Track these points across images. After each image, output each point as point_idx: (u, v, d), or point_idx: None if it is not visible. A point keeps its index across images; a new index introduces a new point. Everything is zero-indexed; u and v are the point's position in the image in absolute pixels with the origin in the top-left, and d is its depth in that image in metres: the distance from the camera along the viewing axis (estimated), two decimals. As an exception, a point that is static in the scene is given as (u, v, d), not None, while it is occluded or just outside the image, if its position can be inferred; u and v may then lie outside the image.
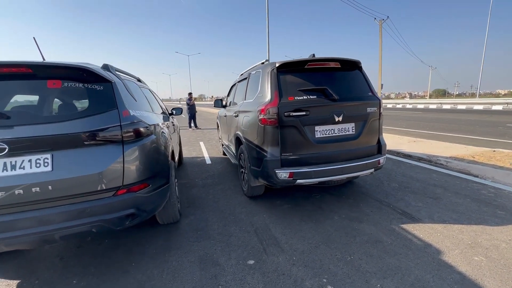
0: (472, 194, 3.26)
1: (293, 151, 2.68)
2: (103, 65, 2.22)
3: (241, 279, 1.91)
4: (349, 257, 2.12)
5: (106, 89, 1.93)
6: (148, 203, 2.05)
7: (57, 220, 1.68)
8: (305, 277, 1.90)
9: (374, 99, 2.94)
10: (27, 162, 1.61)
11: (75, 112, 1.83)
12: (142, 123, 2.05)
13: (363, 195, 3.38)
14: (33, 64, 1.74)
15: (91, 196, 1.76)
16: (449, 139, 7.22)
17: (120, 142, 1.84)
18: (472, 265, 1.96)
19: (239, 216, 2.94)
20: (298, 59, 2.82)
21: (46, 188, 1.62)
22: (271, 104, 2.65)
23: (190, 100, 12.21)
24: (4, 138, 1.55)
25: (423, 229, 2.48)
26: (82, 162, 1.71)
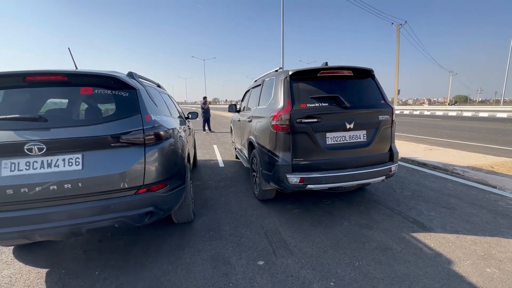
0: (488, 205, 3.18)
1: (304, 156, 2.75)
2: (128, 73, 2.40)
3: (251, 278, 2.00)
4: (357, 262, 2.15)
5: (131, 96, 2.10)
6: (165, 202, 2.19)
7: (85, 214, 1.84)
8: (313, 279, 1.96)
9: (386, 107, 2.96)
10: (61, 161, 1.79)
11: (103, 117, 2.00)
12: (162, 127, 2.20)
13: (374, 202, 3.38)
14: (68, 73, 1.94)
15: (115, 194, 1.91)
16: (468, 148, 7.00)
17: (142, 144, 1.99)
18: (483, 276, 1.94)
19: (250, 218, 3.03)
20: (311, 67, 2.91)
21: (77, 185, 1.79)
22: (283, 110, 2.74)
23: (205, 104, 12.51)
24: (43, 139, 1.73)
25: (435, 239, 2.47)
26: (108, 162, 1.87)
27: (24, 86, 1.90)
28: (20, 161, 1.73)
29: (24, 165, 1.73)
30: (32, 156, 1.73)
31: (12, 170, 1.71)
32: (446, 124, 14.42)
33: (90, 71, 2.03)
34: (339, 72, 2.94)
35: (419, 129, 12.10)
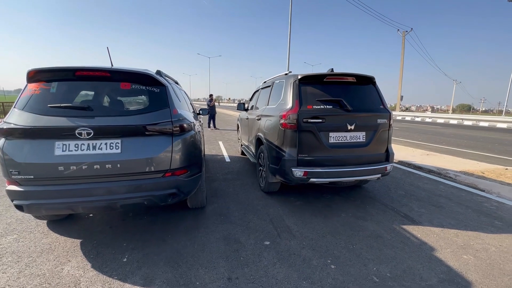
0: (474, 205, 3.48)
1: (309, 153, 3.06)
2: (157, 71, 2.72)
3: (259, 254, 2.31)
4: (352, 246, 2.46)
5: (161, 91, 2.41)
6: (186, 186, 2.50)
7: (121, 191, 2.16)
8: (312, 257, 2.27)
9: (385, 111, 3.27)
10: (104, 144, 2.10)
11: (139, 109, 2.31)
12: (186, 120, 2.51)
13: (370, 198, 3.69)
14: (111, 70, 2.26)
15: (146, 175, 2.23)
16: (464, 155, 7.28)
17: (170, 134, 2.31)
18: (460, 261, 2.25)
19: (257, 207, 3.34)
20: (318, 73, 3.21)
21: (116, 166, 2.10)
22: (292, 111, 3.05)
23: (211, 101, 12.83)
24: (90, 125, 2.05)
25: (421, 231, 2.78)
26: (142, 148, 2.19)
27: (74, 79, 2.21)
28: (70, 143, 2.05)
29: (73, 147, 2.05)
30: (81, 139, 2.05)
31: (64, 150, 2.03)
32: (446, 131, 14.69)
33: (129, 68, 2.35)
34: (344, 78, 3.24)
35: (419, 135, 12.38)
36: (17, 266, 2.08)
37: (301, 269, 2.10)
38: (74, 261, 2.17)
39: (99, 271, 2.05)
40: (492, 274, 2.09)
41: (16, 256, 2.21)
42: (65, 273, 2.02)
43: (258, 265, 2.16)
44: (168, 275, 2.01)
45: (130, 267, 2.10)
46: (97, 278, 1.97)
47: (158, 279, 1.97)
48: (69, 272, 2.02)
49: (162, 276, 1.99)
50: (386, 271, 2.09)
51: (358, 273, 2.06)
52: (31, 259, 2.18)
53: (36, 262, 2.15)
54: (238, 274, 2.04)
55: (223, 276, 2.01)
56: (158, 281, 1.94)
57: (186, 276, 2.00)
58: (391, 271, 2.09)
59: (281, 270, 2.09)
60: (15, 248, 2.34)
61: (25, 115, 2.06)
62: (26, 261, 2.15)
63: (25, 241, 2.46)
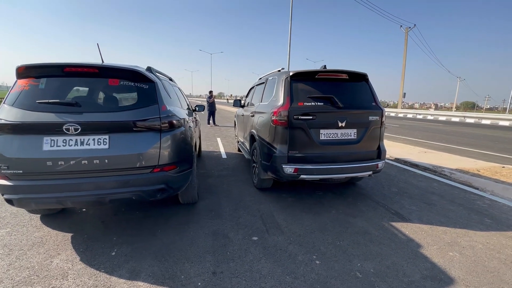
0: (466, 203, 3.48)
1: (299, 149, 3.07)
2: (147, 68, 2.73)
3: (246, 249, 2.34)
4: (339, 242, 2.48)
5: (150, 88, 2.43)
6: (175, 182, 2.53)
7: (109, 186, 2.19)
8: (298, 253, 2.30)
9: (377, 108, 3.26)
10: (91, 140, 2.13)
11: (127, 105, 2.33)
12: (175, 117, 2.53)
13: (363, 196, 3.70)
14: (99, 66, 2.27)
15: (134, 171, 2.26)
16: (463, 152, 7.25)
17: (158, 130, 2.33)
18: (445, 258, 2.26)
19: (248, 203, 3.37)
20: (310, 69, 3.21)
21: (104, 161, 2.13)
22: (283, 107, 3.05)
23: (210, 97, 12.82)
24: (78, 121, 2.07)
25: (410, 228, 2.79)
26: (130, 144, 2.21)
27: (62, 75, 2.23)
28: (58, 139, 2.08)
29: (61, 142, 2.08)
30: (69, 135, 2.07)
31: (52, 146, 2.06)
32: (447, 129, 14.60)
33: (117, 65, 2.36)
34: (336, 75, 3.23)
35: (419, 133, 12.32)
36: (7, 259, 2.13)
37: (286, 264, 2.13)
38: (64, 254, 2.21)
39: (87, 264, 2.09)
40: (476, 271, 2.10)
41: (8, 249, 2.26)
42: (54, 265, 2.06)
43: (244, 260, 2.18)
44: (154, 269, 2.04)
45: (118, 261, 2.14)
46: (84, 271, 2.01)
47: (144, 272, 2.00)
48: (58, 265, 2.07)
49: (148, 270, 2.03)
50: (370, 267, 2.11)
51: (342, 269, 2.09)
52: (22, 252, 2.22)
53: (27, 255, 2.19)
54: (223, 268, 2.07)
55: (208, 270, 2.04)
56: (143, 275, 1.97)
57: (171, 269, 2.04)
58: (375, 267, 2.11)
59: (266, 265, 2.12)
60: (7, 241, 2.39)
61: (14, 110, 2.09)
62: (17, 254, 2.20)
63: (17, 234, 2.51)
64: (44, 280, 1.89)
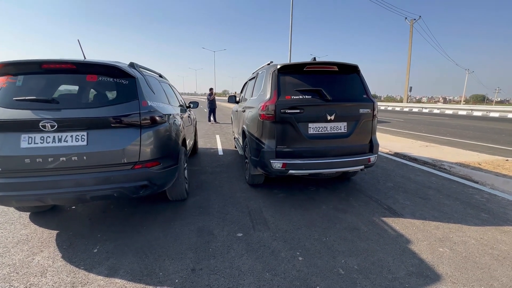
0: (463, 197, 3.37)
1: (288, 144, 3.00)
2: (130, 63, 2.69)
3: (228, 246, 2.30)
4: (325, 238, 2.42)
5: (130, 83, 2.39)
6: (158, 178, 2.50)
7: (89, 183, 2.17)
8: (282, 249, 2.25)
9: (368, 101, 3.16)
10: (69, 137, 2.11)
11: (105, 101, 2.30)
12: (158, 112, 2.49)
13: (356, 191, 3.62)
14: (77, 62, 2.24)
15: (114, 167, 2.23)
16: (467, 146, 7.05)
17: (138, 126, 2.29)
18: (434, 254, 2.18)
19: (238, 199, 3.32)
20: (298, 62, 3.12)
21: (82, 158, 2.11)
22: (270, 101, 2.99)
23: (211, 95, 12.78)
24: (55, 118, 2.05)
25: (401, 223, 2.70)
26: (109, 140, 2.19)
27: (40, 72, 2.22)
28: (36, 136, 2.06)
29: (39, 139, 2.06)
30: (46, 132, 2.06)
31: (30, 143, 2.05)
32: (452, 122, 14.25)
33: (95, 61, 2.33)
34: (325, 67, 3.14)
35: (424, 127, 12.05)
36: (-10, 256, 2.14)
37: (267, 261, 2.08)
38: (46, 251, 2.22)
39: (68, 261, 2.08)
40: (465, 267, 2.01)
41: (-8, 247, 2.28)
42: (35, 263, 2.06)
43: (225, 256, 2.15)
44: (134, 266, 2.02)
45: (99, 258, 2.13)
46: (64, 268, 2.00)
47: (122, 269, 1.98)
48: (39, 262, 2.07)
49: (128, 267, 2.01)
50: (354, 264, 2.05)
51: (325, 266, 2.03)
52: (6, 249, 2.23)
53: (10, 252, 2.20)
54: (203, 265, 2.03)
55: (187, 267, 2.01)
56: (122, 271, 1.96)
57: (151, 267, 2.02)
58: (359, 264, 2.05)
59: (247, 261, 2.08)
60: (-7, 239, 2.41)
61: None
62: (0, 251, 2.21)
63: (4, 231, 2.53)
64: (23, 277, 1.89)
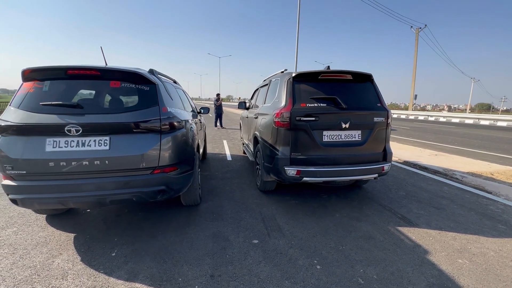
0: (478, 208, 3.33)
1: (302, 151, 3.02)
2: (149, 70, 2.75)
3: (245, 252, 2.30)
4: (341, 247, 2.41)
5: (151, 90, 2.44)
6: (175, 183, 2.52)
7: (109, 187, 2.21)
8: (299, 257, 2.24)
9: (382, 109, 3.17)
10: (93, 141, 2.15)
11: (127, 106, 2.35)
12: (176, 118, 2.53)
13: (368, 199, 3.60)
14: (101, 68, 2.31)
15: (134, 172, 2.27)
16: (476, 155, 6.99)
17: (158, 132, 2.34)
18: (454, 265, 2.15)
19: (250, 206, 3.33)
20: (313, 70, 3.16)
21: (104, 162, 2.15)
22: (285, 109, 3.02)
23: (217, 100, 12.89)
24: (79, 122, 2.10)
25: (417, 233, 2.68)
26: (130, 145, 2.23)
27: (66, 78, 2.28)
28: (60, 140, 2.11)
29: (63, 143, 2.11)
30: (70, 136, 2.11)
31: (54, 147, 2.10)
32: (459, 131, 14.14)
33: (118, 67, 2.39)
34: (339, 75, 3.17)
35: (430, 135, 11.98)
36: (11, 258, 2.17)
37: (285, 269, 2.08)
38: (65, 254, 2.24)
39: (87, 264, 2.10)
40: (487, 279, 1.99)
41: (13, 248, 2.31)
42: (55, 265, 2.08)
43: (243, 263, 2.15)
44: (153, 271, 2.03)
45: (118, 262, 2.14)
46: (84, 271, 2.02)
47: (142, 274, 2.00)
48: (59, 265, 2.09)
49: (147, 272, 2.02)
50: (373, 273, 2.03)
51: (344, 275, 2.02)
52: (26, 251, 2.26)
53: (30, 254, 2.23)
54: (221, 271, 2.04)
55: (206, 273, 2.02)
56: (141, 276, 1.97)
57: (170, 272, 2.02)
58: (378, 274, 2.03)
59: (265, 269, 2.08)
60: (13, 240, 2.44)
61: (19, 112, 2.14)
62: (20, 253, 2.24)
63: (23, 234, 2.56)
64: (45, 280, 1.91)
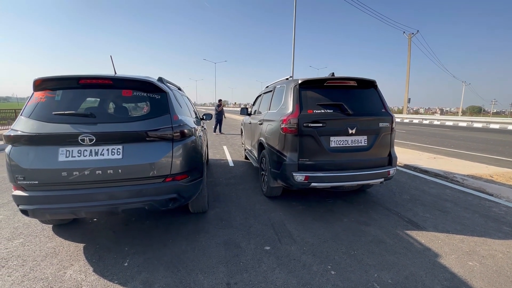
0: (481, 210, 3.39)
1: (310, 157, 3.05)
2: (159, 78, 2.77)
3: (259, 259, 2.30)
4: (353, 252, 2.43)
5: (162, 98, 2.46)
6: (186, 191, 2.52)
7: (122, 196, 2.20)
8: (313, 263, 2.25)
9: (387, 115, 3.24)
10: (106, 150, 2.15)
11: (140, 115, 2.36)
12: (187, 126, 2.55)
13: (374, 203, 3.64)
14: (113, 77, 2.32)
15: (147, 180, 2.27)
16: (474, 158, 7.12)
17: (170, 140, 2.34)
18: (465, 268, 2.19)
19: (258, 212, 3.33)
20: (319, 77, 3.22)
21: (117, 171, 2.15)
22: (292, 115, 3.06)
23: (219, 106, 12.90)
24: (92, 132, 2.10)
25: (426, 236, 2.72)
26: (143, 153, 2.23)
27: (78, 87, 2.28)
28: (73, 149, 2.10)
29: (76, 153, 2.10)
30: (84, 145, 2.10)
31: (67, 156, 2.09)
32: (455, 134, 14.40)
33: (130, 76, 2.41)
34: (344, 82, 3.24)
35: (427, 138, 12.17)
36: (22, 270, 2.13)
37: (301, 275, 2.08)
38: (77, 265, 2.21)
39: (100, 275, 2.08)
40: (499, 281, 2.02)
41: (22, 260, 2.27)
42: (68, 277, 2.05)
43: (258, 270, 2.15)
44: (168, 280, 2.02)
45: (131, 272, 2.12)
46: (98, 282, 1.99)
47: (157, 283, 1.98)
48: (72, 276, 2.06)
49: (162, 281, 2.01)
50: (388, 278, 2.05)
51: (359, 280, 2.03)
52: (36, 263, 2.22)
53: (40, 266, 2.19)
54: (237, 279, 2.03)
55: (222, 281, 2.01)
56: (157, 286, 1.95)
57: (185, 281, 2.01)
58: (392, 278, 2.05)
59: (280, 275, 2.08)
60: (21, 252, 2.40)
61: (31, 122, 2.13)
62: (30, 264, 2.20)
63: (30, 245, 2.52)
64: (58, 292, 1.88)
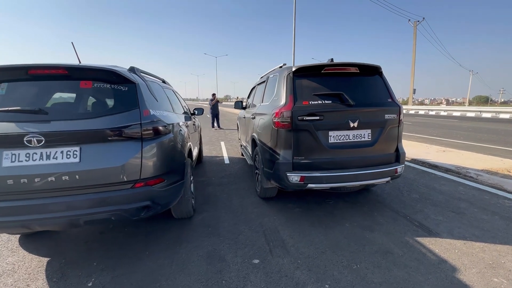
0: (501, 211, 3.01)
1: (306, 155, 2.69)
2: (130, 68, 2.41)
3: (245, 276, 1.97)
4: (356, 265, 2.08)
5: (130, 90, 2.11)
6: (162, 197, 2.19)
7: (82, 206, 1.87)
8: (307, 281, 1.91)
9: (394, 105, 2.85)
10: (59, 153, 1.82)
11: (101, 110, 2.02)
12: (161, 122, 2.20)
13: (379, 204, 3.27)
14: (68, 66, 1.97)
15: (112, 187, 1.93)
16: (485, 150, 6.67)
17: (139, 139, 2.00)
18: (490, 286, 1.83)
19: (250, 216, 3.00)
20: (315, 63, 2.83)
21: (74, 177, 1.82)
22: (285, 107, 2.68)
23: (212, 100, 12.53)
24: (42, 131, 1.77)
25: (440, 244, 2.36)
26: (105, 156, 1.89)
27: (27, 79, 1.94)
28: (20, 153, 1.77)
29: (24, 157, 1.77)
30: (32, 147, 1.77)
31: (13, 161, 1.76)
32: (463, 125, 13.83)
33: (90, 65, 2.05)
34: (345, 68, 2.84)
35: (434, 129, 11.66)
36: (-32, 293, 1.84)
37: (292, 298, 1.75)
38: (33, 286, 1.90)
39: (57, 299, 1.77)
40: (533, 304, 1.67)
41: (-28, 280, 1.98)
42: (19, 302, 1.75)
43: (242, 291, 1.82)
44: (134, 306, 1.71)
45: (93, 294, 1.81)
46: (52, 309, 1.69)
47: (121, 311, 1.67)
48: (23, 301, 1.76)
49: (127, 307, 1.69)
50: (397, 301, 1.71)
51: (362, 303, 1.69)
52: (-13, 284, 1.93)
53: (-9, 287, 1.90)
54: (216, 304, 1.71)
55: (198, 307, 1.69)
56: (120, 314, 1.64)
57: (154, 306, 1.70)
58: (403, 301, 1.71)
59: (268, 298, 1.75)
60: (-26, 269, 2.11)
61: None
62: (-20, 286, 1.91)
63: (-12, 260, 2.23)
64: (2, 323, 1.58)
